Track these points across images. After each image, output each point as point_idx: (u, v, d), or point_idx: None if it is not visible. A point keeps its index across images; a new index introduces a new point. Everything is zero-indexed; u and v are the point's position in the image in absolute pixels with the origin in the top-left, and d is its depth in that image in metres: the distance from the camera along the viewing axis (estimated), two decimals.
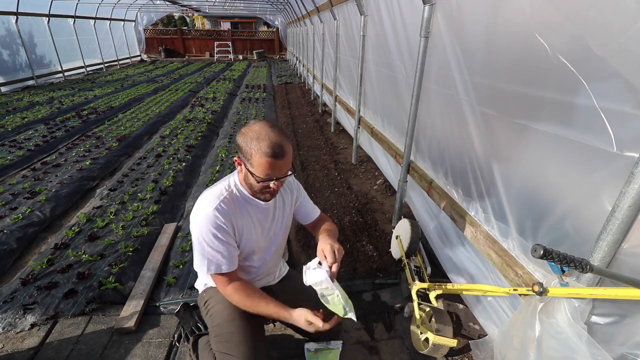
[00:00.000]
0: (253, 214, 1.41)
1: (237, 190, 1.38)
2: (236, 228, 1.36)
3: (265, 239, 1.50)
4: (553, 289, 1.18)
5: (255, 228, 1.43)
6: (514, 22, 1.44)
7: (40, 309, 1.97)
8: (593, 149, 1.10)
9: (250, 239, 1.42)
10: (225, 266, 1.33)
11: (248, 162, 1.23)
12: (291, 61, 16.46)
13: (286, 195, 1.54)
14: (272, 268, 1.66)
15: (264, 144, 1.18)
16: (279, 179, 1.26)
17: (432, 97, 2.24)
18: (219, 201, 1.31)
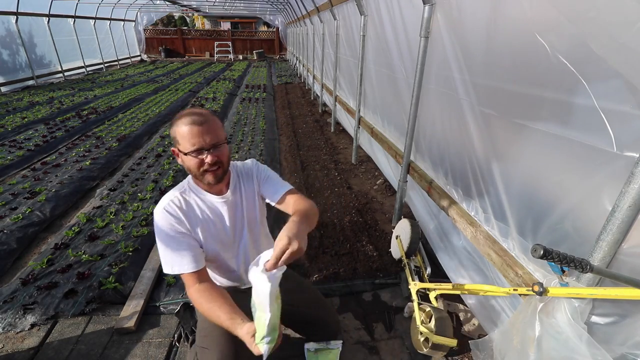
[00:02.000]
0: (209, 211, 1.37)
1: (190, 188, 1.37)
2: (191, 226, 1.33)
3: (229, 236, 1.44)
4: (553, 289, 1.18)
5: (214, 225, 1.39)
6: (514, 22, 1.44)
7: (40, 309, 1.97)
8: (593, 149, 1.10)
9: (210, 237, 1.38)
10: (182, 266, 1.28)
11: (177, 143, 1.24)
12: (291, 61, 16.46)
13: (246, 183, 1.46)
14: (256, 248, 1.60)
15: (184, 118, 1.22)
16: (209, 150, 1.22)
17: (432, 97, 2.24)
18: (169, 200, 1.31)
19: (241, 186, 1.46)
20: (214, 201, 1.38)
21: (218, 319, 1.21)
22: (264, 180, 1.48)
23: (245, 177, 1.47)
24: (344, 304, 2.10)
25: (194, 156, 1.22)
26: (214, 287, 1.32)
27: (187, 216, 1.33)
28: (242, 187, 1.46)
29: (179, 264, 1.28)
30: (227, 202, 1.40)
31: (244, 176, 1.47)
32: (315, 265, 2.42)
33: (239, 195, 1.45)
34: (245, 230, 1.48)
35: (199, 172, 1.26)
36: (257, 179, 1.48)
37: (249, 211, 1.47)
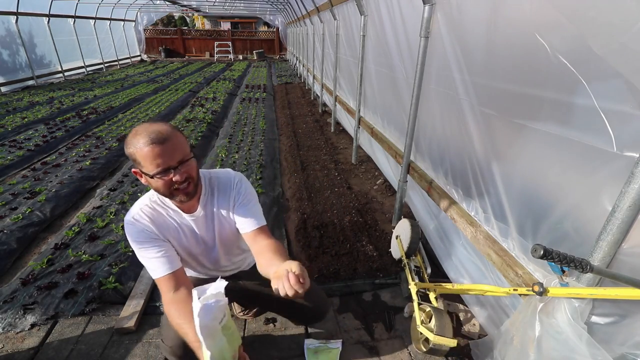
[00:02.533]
0: (179, 224, 1.35)
1: (160, 200, 1.32)
2: (162, 234, 1.30)
3: (200, 248, 1.42)
4: (553, 289, 1.18)
5: (185, 237, 1.36)
6: (514, 22, 1.44)
7: (40, 309, 1.97)
8: (593, 149, 1.10)
9: (180, 246, 1.36)
10: (157, 272, 1.25)
11: (138, 164, 1.14)
12: (291, 61, 16.46)
13: (220, 197, 1.37)
14: (234, 264, 1.60)
15: (142, 136, 1.10)
16: (176, 168, 1.14)
17: (432, 97, 2.24)
18: (139, 209, 1.29)
19: (214, 201, 1.38)
20: (185, 217, 1.35)
21: (185, 336, 1.17)
22: (240, 205, 1.37)
23: (222, 191, 1.38)
24: (344, 304, 2.10)
25: (161, 177, 1.14)
26: (189, 300, 1.21)
27: (157, 225, 1.30)
28: (215, 202, 1.38)
29: (154, 270, 1.26)
30: (197, 220, 1.36)
31: (220, 190, 1.38)
32: (315, 265, 2.42)
33: (210, 211, 1.38)
34: (217, 243, 1.44)
35: (169, 192, 1.19)
36: (234, 200, 1.38)
37: (220, 227, 1.41)
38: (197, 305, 0.84)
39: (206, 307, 0.85)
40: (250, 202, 1.38)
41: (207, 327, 0.87)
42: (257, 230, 1.34)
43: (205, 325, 0.86)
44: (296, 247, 2.69)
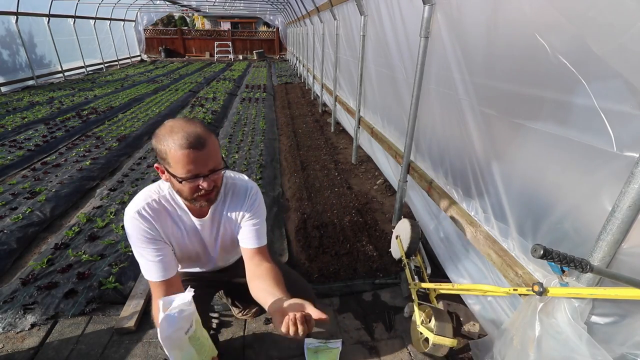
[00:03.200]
0: (185, 226, 1.29)
1: (171, 198, 1.25)
2: (164, 234, 1.24)
3: (200, 252, 1.40)
4: (553, 289, 1.18)
5: (188, 239, 1.32)
6: (514, 22, 1.44)
7: (40, 309, 1.97)
8: (593, 149, 1.10)
9: (179, 249, 1.32)
10: (150, 275, 1.22)
11: (166, 164, 1.08)
12: (291, 61, 16.46)
13: (232, 204, 1.32)
14: (230, 262, 1.59)
15: (178, 136, 1.03)
16: (207, 176, 1.09)
17: (432, 97, 2.24)
18: (145, 204, 1.20)
19: (225, 206, 1.33)
20: (192, 221, 1.30)
21: None
22: (249, 219, 1.33)
23: (235, 199, 1.33)
24: (344, 304, 2.10)
25: (189, 183, 1.09)
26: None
27: (162, 224, 1.23)
28: (225, 207, 1.33)
29: (149, 272, 1.22)
30: (204, 224, 1.32)
31: (234, 196, 1.33)
32: (315, 265, 2.42)
33: (219, 215, 1.33)
34: (218, 246, 1.42)
35: (192, 197, 1.13)
36: (245, 211, 1.33)
37: (224, 233, 1.37)
38: (160, 316, 0.82)
39: (168, 317, 0.81)
40: (259, 219, 1.35)
41: (170, 339, 0.84)
42: (257, 250, 1.32)
43: (168, 336, 0.83)
44: (296, 247, 2.69)
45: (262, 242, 1.34)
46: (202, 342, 0.95)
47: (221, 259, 1.50)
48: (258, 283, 1.21)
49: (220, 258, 1.49)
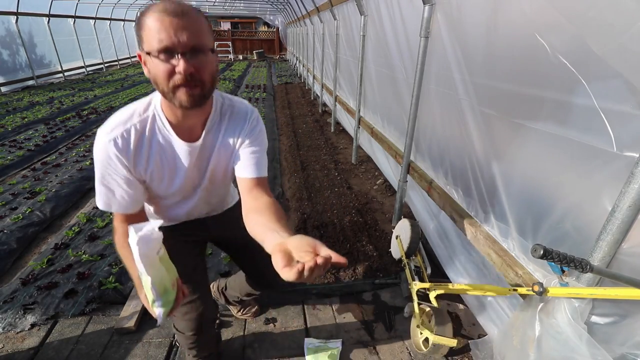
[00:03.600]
0: (168, 155, 1.09)
1: (156, 117, 1.05)
2: (138, 165, 1.06)
3: (181, 187, 1.18)
4: (553, 289, 1.18)
5: (168, 172, 1.12)
6: (514, 22, 1.44)
7: (40, 309, 1.97)
8: (593, 149, 1.10)
9: (157, 183, 1.14)
10: (111, 205, 1.08)
11: (142, 43, 0.90)
12: (291, 61, 16.46)
13: (229, 127, 1.13)
14: (207, 210, 1.38)
15: (152, 7, 0.87)
16: (184, 55, 0.86)
17: (432, 97, 2.24)
18: (123, 130, 1.01)
19: (221, 129, 1.12)
20: (179, 146, 1.08)
21: (130, 269, 1.08)
22: (249, 145, 1.14)
23: (233, 120, 1.14)
24: (344, 304, 2.10)
25: (162, 60, 0.87)
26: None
27: (138, 154, 1.04)
28: (222, 130, 1.13)
29: (107, 204, 1.08)
30: (193, 151, 1.11)
31: (231, 118, 1.14)
32: None
33: (212, 140, 1.13)
34: (204, 183, 1.22)
35: (168, 86, 0.91)
36: (245, 135, 1.14)
37: (217, 163, 1.17)
38: (135, 237, 0.86)
39: (144, 237, 0.87)
40: (259, 147, 1.16)
41: (147, 256, 0.89)
42: (257, 181, 1.12)
43: (145, 254, 0.88)
44: None
45: (262, 172, 1.14)
46: (169, 263, 1.00)
47: (205, 196, 1.28)
48: (256, 217, 0.98)
49: (205, 195, 1.27)
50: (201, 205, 1.32)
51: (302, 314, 2.01)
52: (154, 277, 0.94)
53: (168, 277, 1.00)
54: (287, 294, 2.14)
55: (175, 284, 1.04)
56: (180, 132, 1.07)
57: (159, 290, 0.97)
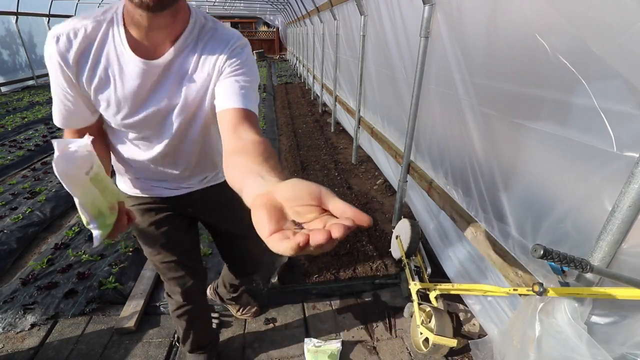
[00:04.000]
0: (112, 68, 0.89)
1: (113, 20, 0.87)
2: (81, 75, 0.89)
3: (141, 122, 0.97)
4: (553, 289, 1.18)
5: (112, 92, 0.92)
6: (514, 22, 1.44)
7: (40, 309, 1.97)
8: (593, 149, 1.10)
9: (104, 106, 0.94)
10: (57, 118, 0.97)
11: None
12: (291, 61, 16.46)
13: (208, 48, 0.92)
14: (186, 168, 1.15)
15: None
16: None
17: (432, 97, 2.24)
18: (71, 29, 0.86)
19: (196, 52, 0.92)
20: (130, 62, 0.89)
21: None
22: (232, 74, 0.91)
23: (212, 43, 0.93)
24: (344, 304, 2.09)
25: None
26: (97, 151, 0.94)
27: (81, 60, 0.87)
28: (196, 53, 0.92)
29: (54, 114, 0.97)
30: (151, 71, 0.90)
31: (209, 42, 0.93)
32: (315, 265, 2.42)
33: (183, 65, 0.92)
34: (175, 123, 0.99)
35: None
36: (226, 58, 0.91)
37: (190, 96, 0.95)
38: (56, 153, 0.80)
39: (66, 154, 0.81)
40: (247, 76, 0.92)
41: (68, 175, 0.82)
42: (244, 114, 0.84)
43: (65, 172, 0.81)
44: None
45: (250, 104, 0.87)
46: (105, 185, 0.94)
47: (179, 147, 1.06)
48: (235, 158, 0.69)
49: (178, 145, 1.05)
50: (176, 161, 1.10)
51: (302, 314, 2.01)
52: (83, 197, 0.88)
53: (103, 199, 0.93)
54: (287, 294, 2.14)
55: (115, 207, 0.97)
56: (139, 47, 0.88)
57: (91, 212, 0.90)
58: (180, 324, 1.48)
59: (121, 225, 0.97)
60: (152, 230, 1.24)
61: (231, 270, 1.64)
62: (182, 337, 1.52)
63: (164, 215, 1.24)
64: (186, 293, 1.36)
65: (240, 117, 0.83)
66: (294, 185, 0.43)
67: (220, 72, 0.92)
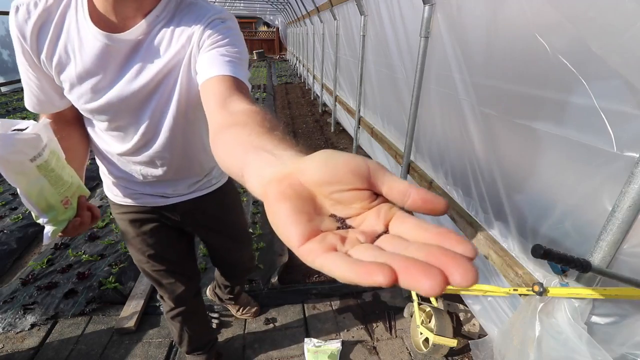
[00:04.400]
0: (72, 43, 0.79)
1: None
2: (41, 51, 0.80)
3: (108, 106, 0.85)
4: (553, 289, 1.18)
5: (72, 71, 0.81)
6: (514, 22, 1.44)
7: (40, 309, 1.97)
8: (593, 149, 1.10)
9: (68, 87, 0.84)
10: (27, 103, 0.90)
11: None
12: (291, 61, 16.46)
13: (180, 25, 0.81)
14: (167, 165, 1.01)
15: None
16: None
17: (432, 97, 2.24)
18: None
19: (171, 26, 0.81)
20: (90, 36, 0.78)
21: None
22: (212, 45, 0.77)
23: (188, 16, 0.82)
24: (344, 304, 2.10)
25: None
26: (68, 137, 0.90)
27: (40, 33, 0.78)
28: (170, 28, 0.81)
29: (24, 97, 0.90)
30: (115, 46, 0.79)
31: (188, 14, 0.82)
32: None
33: (155, 39, 0.81)
34: (147, 103, 0.87)
35: None
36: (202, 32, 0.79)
37: (159, 73, 0.82)
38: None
39: (3, 137, 0.72)
40: (233, 47, 0.78)
41: (7, 161, 0.73)
42: (234, 84, 0.69)
43: (2, 156, 0.72)
44: None
45: (239, 73, 0.72)
46: (58, 175, 0.81)
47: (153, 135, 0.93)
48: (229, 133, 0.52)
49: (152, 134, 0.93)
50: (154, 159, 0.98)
51: (302, 314, 2.01)
52: (26, 188, 0.77)
53: (54, 191, 0.81)
54: (287, 294, 2.14)
55: (70, 202, 0.85)
56: (103, 19, 0.77)
57: (36, 205, 0.79)
58: (174, 325, 1.46)
59: (81, 222, 0.86)
60: (138, 242, 1.18)
61: (222, 274, 1.65)
62: (176, 338, 1.51)
63: (151, 227, 1.16)
64: (178, 298, 1.34)
65: (229, 87, 0.67)
66: (327, 161, 0.29)
67: (200, 46, 0.79)
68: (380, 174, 0.29)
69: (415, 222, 0.27)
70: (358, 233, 0.28)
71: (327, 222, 0.28)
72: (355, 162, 0.29)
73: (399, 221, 0.28)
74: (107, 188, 1.17)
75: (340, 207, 0.29)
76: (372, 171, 0.29)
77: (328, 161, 0.29)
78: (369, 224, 0.29)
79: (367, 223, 0.29)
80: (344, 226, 0.29)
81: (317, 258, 0.25)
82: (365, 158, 0.30)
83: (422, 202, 0.27)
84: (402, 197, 0.28)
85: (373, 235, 0.28)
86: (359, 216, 0.29)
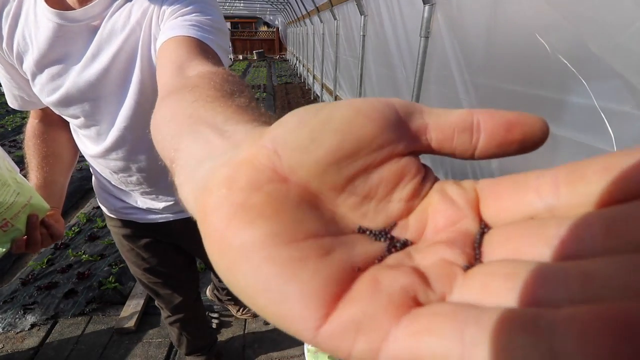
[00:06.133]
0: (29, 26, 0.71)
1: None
2: (2, 39, 0.73)
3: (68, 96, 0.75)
4: None
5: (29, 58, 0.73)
6: (514, 21, 1.44)
7: (40, 309, 1.97)
8: (593, 149, 1.10)
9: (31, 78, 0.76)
10: (7, 99, 0.86)
11: None
12: (291, 61, 16.47)
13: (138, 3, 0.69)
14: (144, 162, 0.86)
15: None
16: None
17: (432, 97, 2.24)
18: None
19: (130, 3, 0.70)
20: (42, 16, 0.70)
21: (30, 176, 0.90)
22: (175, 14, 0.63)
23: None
24: None
25: None
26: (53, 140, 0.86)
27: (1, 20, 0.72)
28: (130, 5, 0.70)
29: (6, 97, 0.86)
30: (67, 25, 0.69)
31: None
32: None
33: (112, 17, 0.70)
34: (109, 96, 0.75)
35: None
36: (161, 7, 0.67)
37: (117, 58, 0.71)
38: None
39: None
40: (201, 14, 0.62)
41: None
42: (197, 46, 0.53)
43: None
44: None
45: (207, 38, 0.56)
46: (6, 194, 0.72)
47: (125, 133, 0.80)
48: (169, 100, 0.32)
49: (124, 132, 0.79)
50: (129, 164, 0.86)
51: None
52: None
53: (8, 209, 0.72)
54: None
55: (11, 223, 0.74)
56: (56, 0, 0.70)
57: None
58: (172, 330, 1.45)
59: (32, 242, 0.77)
60: (133, 256, 1.14)
61: (215, 276, 1.65)
62: (175, 342, 1.50)
63: (145, 242, 1.10)
64: (176, 308, 1.31)
65: (191, 50, 0.51)
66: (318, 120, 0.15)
67: (160, 21, 0.67)
68: (418, 114, 0.16)
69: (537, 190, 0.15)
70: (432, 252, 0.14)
71: (360, 247, 0.14)
72: (372, 107, 0.15)
73: (494, 198, 0.15)
74: (97, 197, 1.10)
75: (368, 205, 0.15)
76: (404, 114, 0.16)
77: (319, 120, 0.15)
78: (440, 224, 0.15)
79: (435, 224, 0.15)
80: (394, 245, 0.15)
81: (387, 342, 0.11)
82: (382, 98, 0.16)
83: (506, 130, 0.15)
84: (467, 137, 0.15)
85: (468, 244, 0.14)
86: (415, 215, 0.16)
